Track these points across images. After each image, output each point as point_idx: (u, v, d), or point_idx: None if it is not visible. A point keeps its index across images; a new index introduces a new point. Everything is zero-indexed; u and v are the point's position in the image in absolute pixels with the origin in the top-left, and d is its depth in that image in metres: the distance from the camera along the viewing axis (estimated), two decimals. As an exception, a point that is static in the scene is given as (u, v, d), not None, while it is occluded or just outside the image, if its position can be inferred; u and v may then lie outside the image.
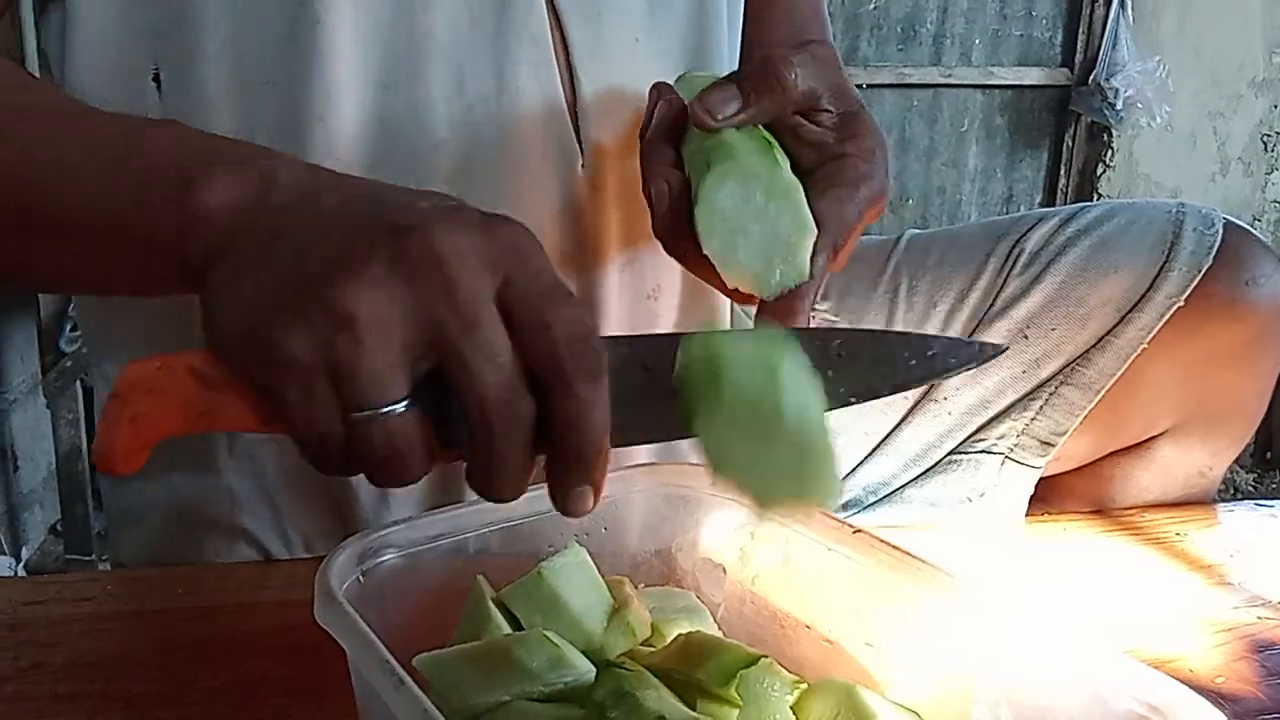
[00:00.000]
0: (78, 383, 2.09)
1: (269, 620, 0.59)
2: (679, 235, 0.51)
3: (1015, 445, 0.78)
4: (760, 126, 0.52)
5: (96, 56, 0.60)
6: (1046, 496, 0.82)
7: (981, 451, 0.79)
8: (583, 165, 0.64)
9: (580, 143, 0.63)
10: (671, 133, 0.54)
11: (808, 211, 0.48)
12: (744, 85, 0.51)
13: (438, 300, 0.37)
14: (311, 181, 0.42)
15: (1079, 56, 3.07)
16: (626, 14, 0.64)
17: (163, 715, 0.51)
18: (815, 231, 0.48)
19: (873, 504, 0.81)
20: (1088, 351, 0.75)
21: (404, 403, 0.38)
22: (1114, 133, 3.06)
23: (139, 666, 0.55)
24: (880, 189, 0.53)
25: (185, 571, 0.65)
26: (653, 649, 0.48)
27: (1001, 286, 0.78)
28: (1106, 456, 0.80)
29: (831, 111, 0.53)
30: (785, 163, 0.51)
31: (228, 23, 0.57)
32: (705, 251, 0.48)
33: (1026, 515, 0.80)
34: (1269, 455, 3.15)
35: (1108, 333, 0.75)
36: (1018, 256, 0.78)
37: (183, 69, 0.59)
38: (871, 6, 2.91)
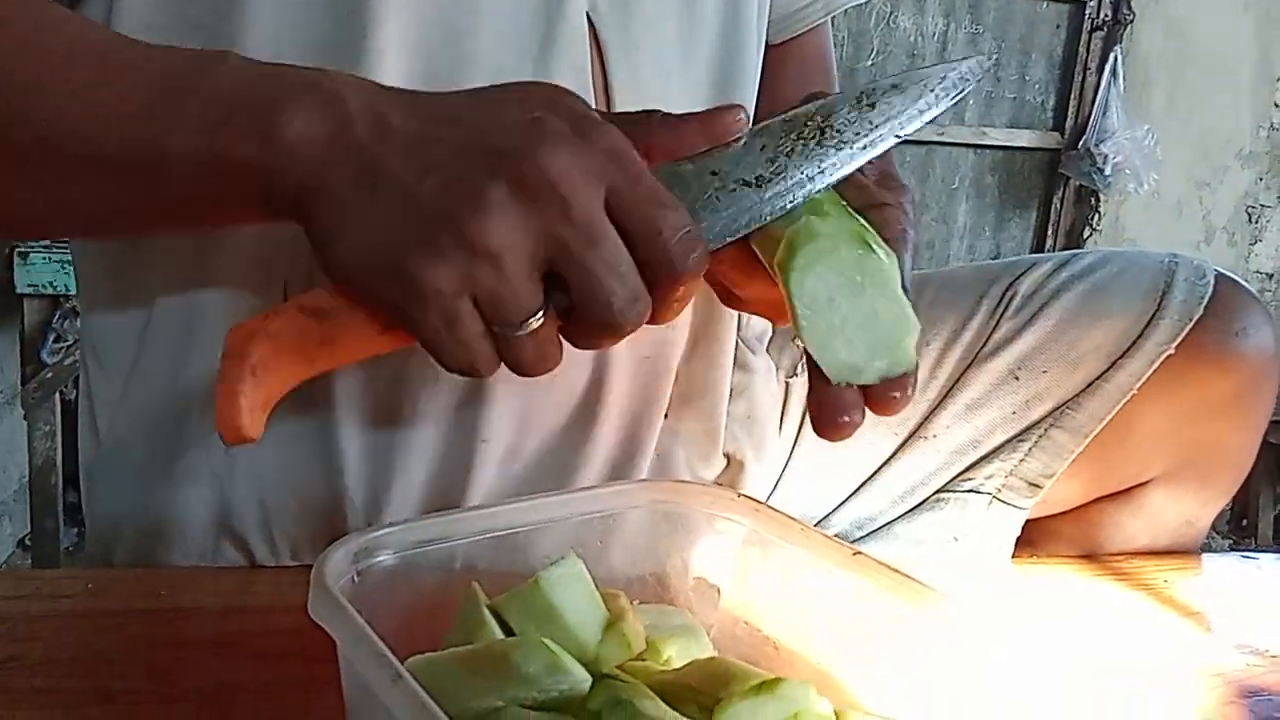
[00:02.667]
0: (56, 395, 2.07)
1: (254, 624, 0.58)
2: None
3: (1003, 486, 0.79)
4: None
5: None
6: (1034, 540, 0.82)
7: (969, 491, 0.79)
8: None
9: None
10: None
11: (908, 305, 0.44)
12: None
13: (558, 220, 0.40)
14: (382, 103, 0.44)
15: (1070, 121, 3.13)
16: (661, 50, 0.66)
17: (143, 713, 0.50)
18: (919, 326, 0.45)
19: (859, 539, 0.81)
20: (1078, 395, 0.76)
21: (541, 314, 0.42)
22: (1102, 197, 3.12)
23: (119, 664, 0.54)
24: (917, 243, 0.53)
25: (168, 573, 0.64)
26: (647, 664, 0.47)
27: (994, 328, 0.79)
28: (1095, 502, 0.81)
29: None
30: (878, 242, 0.45)
31: (270, 23, 0.58)
32: (804, 345, 0.45)
33: (1013, 557, 0.80)
34: (1245, 521, 3.17)
35: (1098, 378, 0.75)
36: (1011, 299, 0.79)
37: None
38: (869, 63, 2.97)
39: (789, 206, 0.46)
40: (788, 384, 0.82)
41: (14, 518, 2.33)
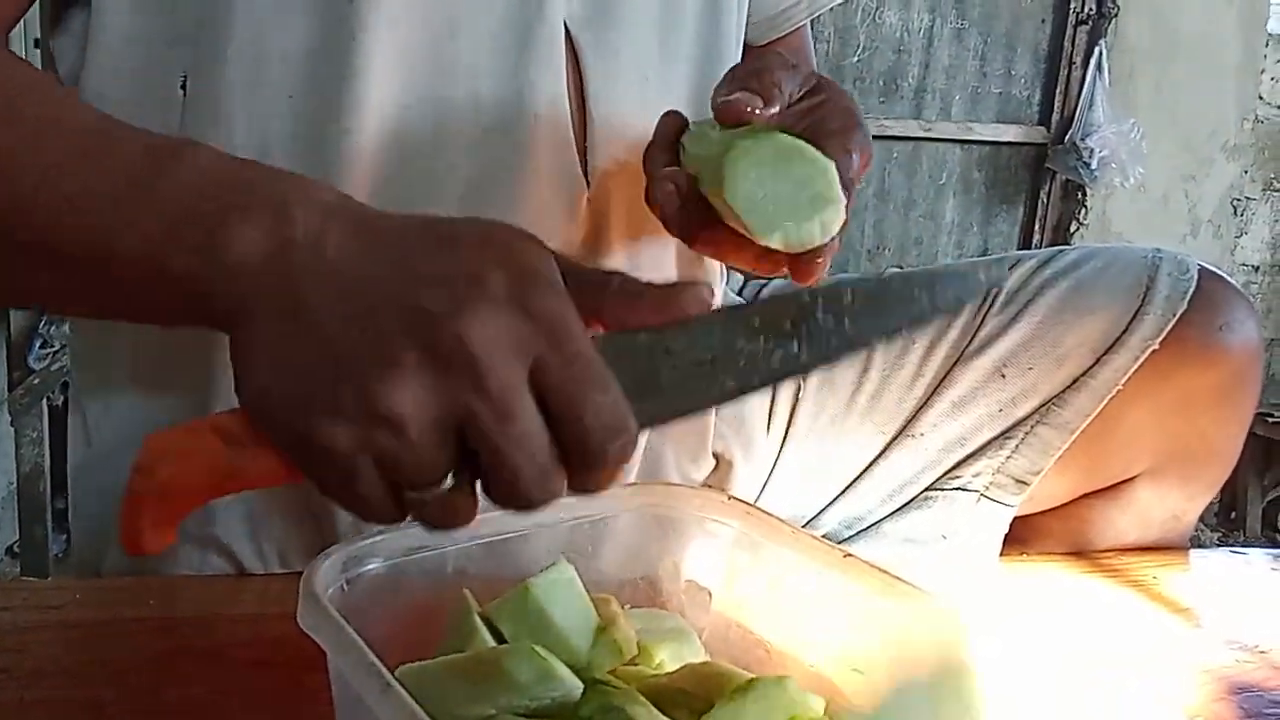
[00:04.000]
0: (44, 401, 2.06)
1: (242, 633, 0.58)
2: (694, 225, 0.54)
3: (991, 483, 0.79)
4: None
5: (125, 61, 0.60)
6: (1023, 537, 0.82)
7: (957, 488, 0.80)
8: (588, 195, 0.64)
9: (586, 172, 0.64)
10: (671, 144, 0.57)
11: (824, 157, 0.51)
12: (750, 89, 0.53)
13: (470, 391, 0.38)
14: (329, 230, 0.41)
15: (1056, 116, 3.14)
16: (639, 53, 0.66)
17: (132, 724, 0.50)
18: (831, 164, 0.51)
19: (849, 538, 0.81)
20: (1064, 392, 0.76)
21: (449, 476, 0.39)
22: (1088, 191, 3.13)
23: (108, 674, 0.53)
24: (866, 137, 0.55)
25: (156, 582, 0.64)
26: (639, 668, 0.48)
27: (979, 325, 0.79)
28: (1083, 498, 0.81)
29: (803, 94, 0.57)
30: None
31: (251, 32, 0.58)
32: (743, 220, 0.51)
33: (1002, 555, 0.80)
34: (1233, 514, 3.19)
35: (1084, 374, 0.76)
36: (996, 296, 0.79)
37: (207, 76, 0.59)
38: (855, 60, 2.97)
39: (738, 396, 0.44)
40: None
41: (2, 525, 2.32)
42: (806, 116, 0.55)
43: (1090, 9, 3.10)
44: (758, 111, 0.53)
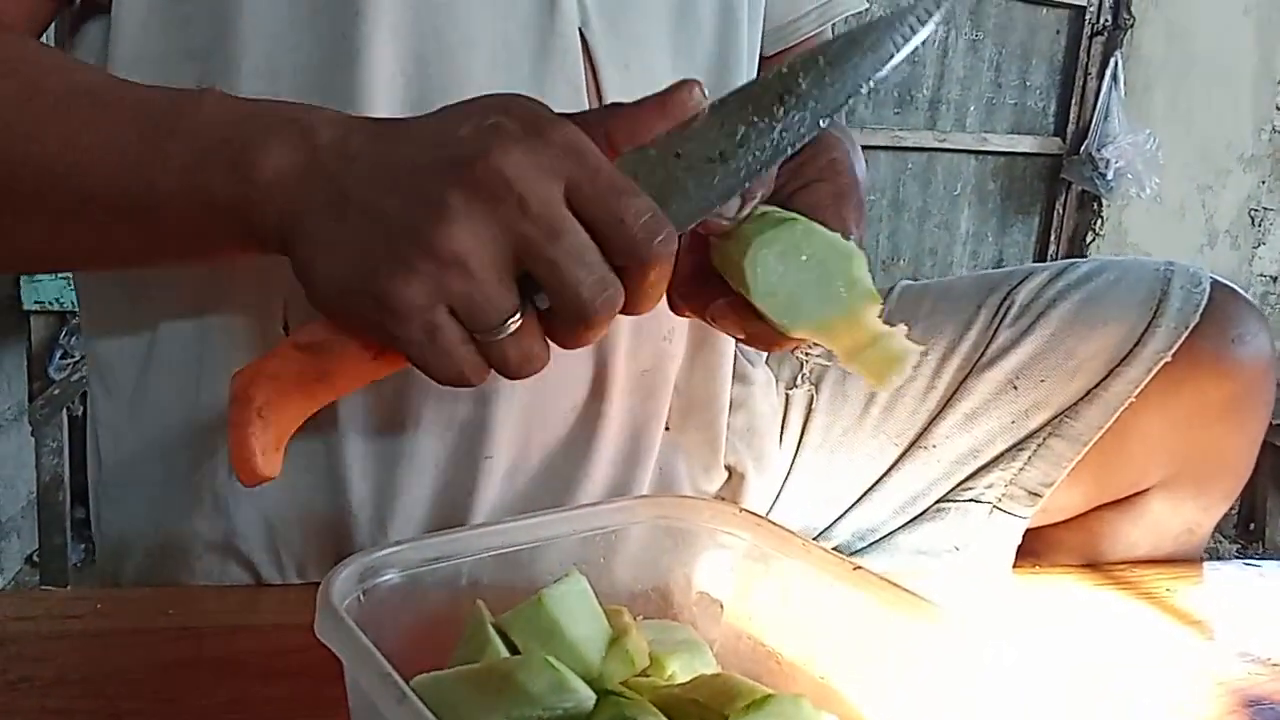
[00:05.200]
0: (64, 411, 2.08)
1: (260, 643, 0.59)
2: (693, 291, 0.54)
3: (1003, 495, 0.79)
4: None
5: (140, 76, 0.61)
6: (1036, 550, 0.82)
7: (970, 500, 0.80)
8: None
9: None
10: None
11: (842, 239, 0.51)
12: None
13: (518, 218, 0.41)
14: (350, 133, 0.45)
15: (1071, 126, 3.14)
16: (653, 65, 0.66)
17: (152, 732, 0.50)
18: (862, 253, 0.50)
19: (861, 550, 0.81)
20: (1076, 404, 0.76)
21: (518, 314, 0.43)
22: (1104, 202, 3.12)
23: (128, 684, 0.54)
24: (858, 200, 0.55)
25: (175, 592, 0.65)
26: (651, 679, 0.48)
27: (992, 338, 0.79)
28: (1096, 510, 0.81)
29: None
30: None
31: (262, 48, 0.58)
32: (776, 323, 0.50)
33: (1015, 567, 0.80)
34: (1252, 526, 3.16)
35: (1096, 386, 0.76)
36: (1008, 308, 0.79)
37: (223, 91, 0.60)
38: (868, 70, 2.97)
39: (755, 176, 0.47)
40: (788, 395, 0.83)
41: (22, 534, 2.34)
42: (784, 174, 0.55)
43: (1106, 20, 3.10)
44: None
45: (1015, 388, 0.78)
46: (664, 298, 0.64)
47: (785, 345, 0.54)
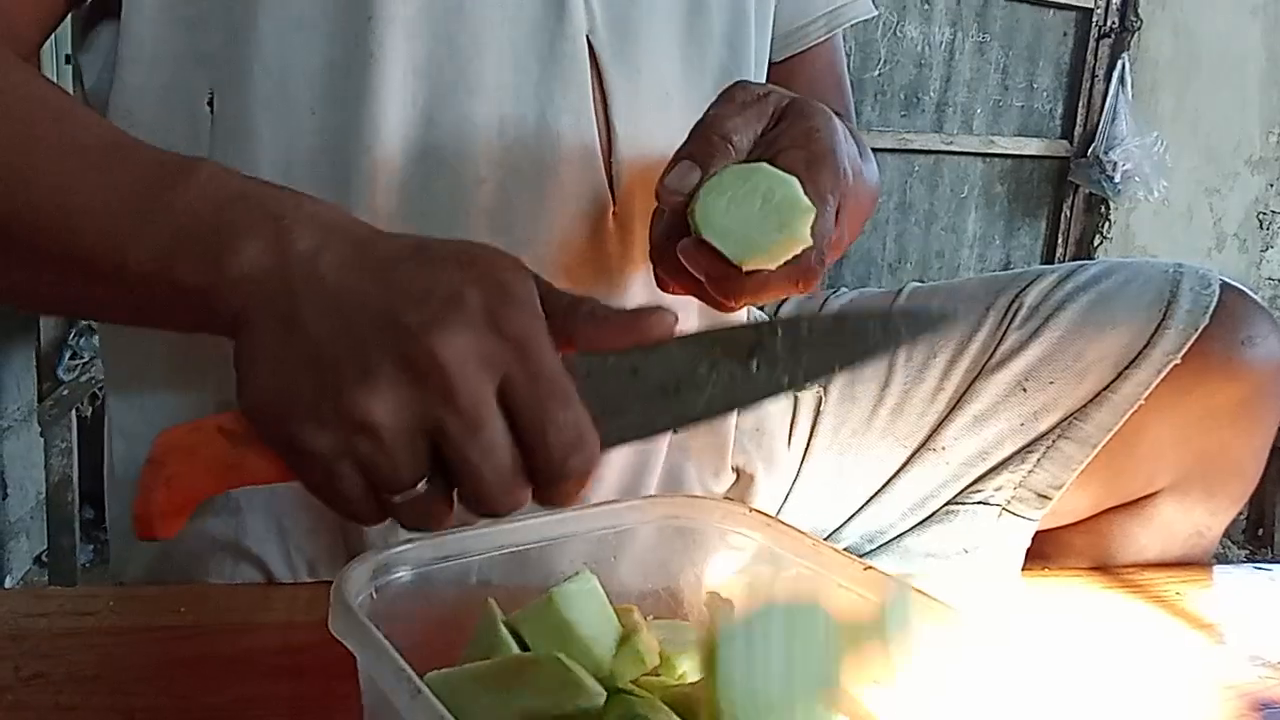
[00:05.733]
0: (73, 412, 2.08)
1: (272, 640, 0.59)
2: (671, 256, 0.54)
3: (1012, 497, 0.79)
4: None
5: (153, 79, 0.61)
6: (1045, 553, 0.82)
7: (979, 503, 0.80)
8: (614, 210, 0.65)
9: (612, 188, 0.65)
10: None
11: (797, 187, 0.52)
12: (694, 155, 0.53)
13: (441, 404, 0.41)
14: (328, 248, 0.44)
15: (1078, 129, 3.13)
16: (661, 71, 0.67)
17: (164, 729, 0.51)
18: (811, 207, 0.51)
19: (870, 552, 0.81)
20: (1085, 406, 0.76)
21: (424, 480, 0.42)
22: (1111, 205, 3.11)
23: (141, 681, 0.55)
24: (833, 167, 0.54)
25: (187, 590, 0.65)
26: (661, 678, 0.48)
27: (1001, 339, 0.79)
28: (1105, 513, 0.81)
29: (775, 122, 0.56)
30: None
31: (275, 49, 0.59)
32: (721, 250, 0.52)
33: (1024, 570, 0.80)
34: (1260, 531, 3.15)
35: (1105, 388, 0.76)
36: (1017, 310, 0.79)
37: (233, 93, 0.60)
38: (876, 73, 2.97)
39: (701, 422, 0.46)
40: (796, 397, 0.83)
41: (31, 534, 2.34)
42: (760, 146, 0.55)
43: (1113, 22, 3.10)
44: (686, 190, 0.52)
45: (1024, 390, 0.78)
46: (654, 279, 0.65)
47: (740, 294, 0.54)
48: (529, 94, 0.63)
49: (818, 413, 0.82)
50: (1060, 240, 3.21)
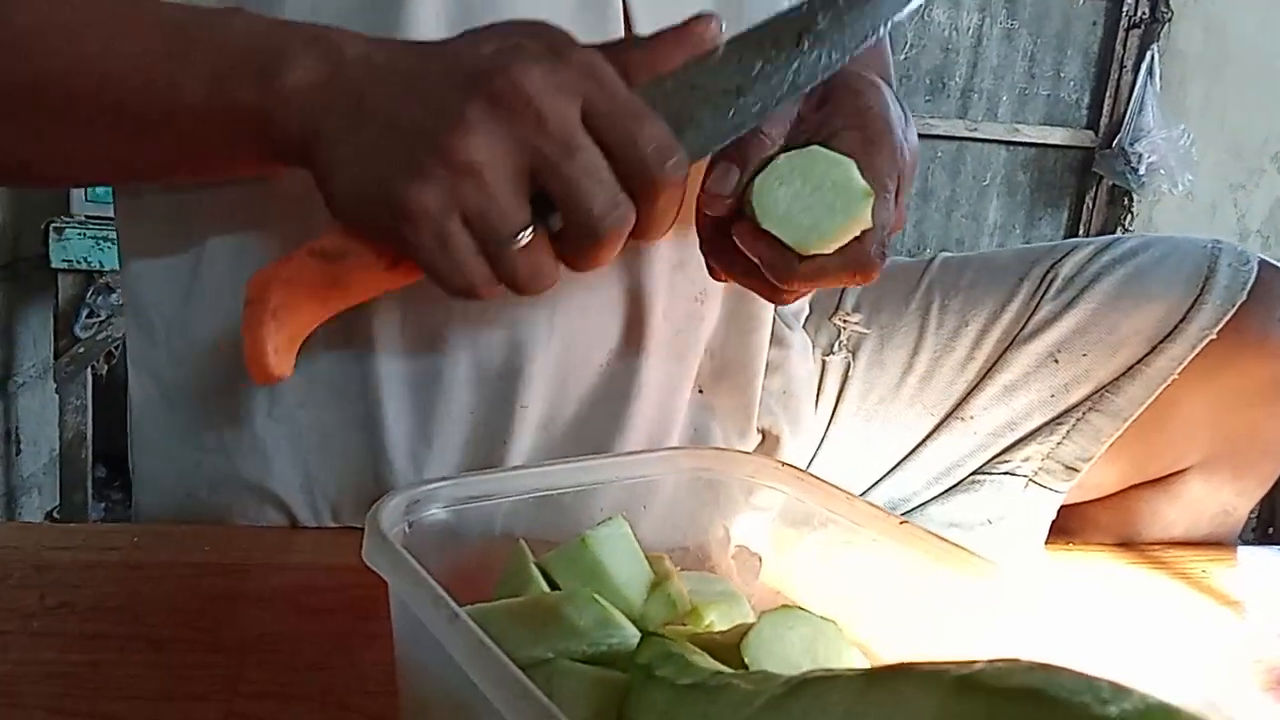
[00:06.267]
0: (89, 370, 2.09)
1: (297, 580, 0.59)
2: (722, 248, 0.54)
3: (1040, 469, 0.78)
4: None
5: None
6: (1070, 527, 0.82)
7: (1005, 473, 0.79)
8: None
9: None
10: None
11: (855, 170, 0.50)
12: (732, 157, 0.51)
13: (535, 133, 0.42)
14: (376, 49, 0.46)
15: (1104, 120, 3.10)
16: (689, 6, 0.65)
17: (190, 659, 0.50)
18: (871, 191, 0.50)
19: (895, 521, 0.81)
20: (1117, 379, 0.76)
21: (529, 228, 0.44)
22: (1135, 197, 3.08)
23: (166, 612, 0.54)
24: (891, 148, 0.53)
25: (212, 530, 0.65)
26: (689, 627, 0.48)
27: (1034, 310, 0.78)
28: (1132, 489, 0.80)
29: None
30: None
31: None
32: (781, 238, 0.50)
33: (1049, 544, 0.79)
34: (1271, 530, 3.13)
35: (1138, 361, 0.75)
36: (1051, 281, 0.78)
37: (265, 11, 0.60)
38: (902, 57, 2.95)
39: (769, 111, 0.48)
40: (824, 361, 0.82)
41: (44, 491, 2.36)
42: (812, 126, 0.53)
43: (1143, 13, 3.06)
44: (728, 194, 0.51)
45: (1056, 361, 0.77)
46: (703, 263, 0.64)
47: (799, 280, 0.52)
48: None
49: (845, 378, 0.81)
50: (1082, 231, 3.18)
